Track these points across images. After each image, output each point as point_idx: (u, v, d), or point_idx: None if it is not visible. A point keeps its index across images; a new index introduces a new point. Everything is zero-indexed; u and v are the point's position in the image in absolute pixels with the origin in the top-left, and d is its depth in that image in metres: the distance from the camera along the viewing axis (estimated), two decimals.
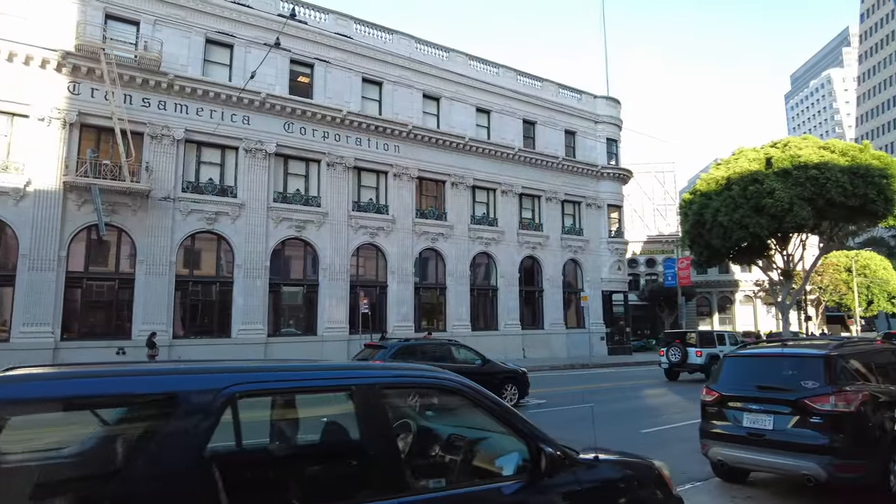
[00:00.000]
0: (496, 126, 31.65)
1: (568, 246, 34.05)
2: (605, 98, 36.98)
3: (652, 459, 3.44)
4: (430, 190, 29.46)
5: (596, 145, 36.21)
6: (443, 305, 28.89)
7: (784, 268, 38.64)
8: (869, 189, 33.21)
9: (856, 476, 5.22)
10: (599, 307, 35.06)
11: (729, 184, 35.57)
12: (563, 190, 34.03)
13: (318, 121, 25.48)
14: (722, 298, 57.84)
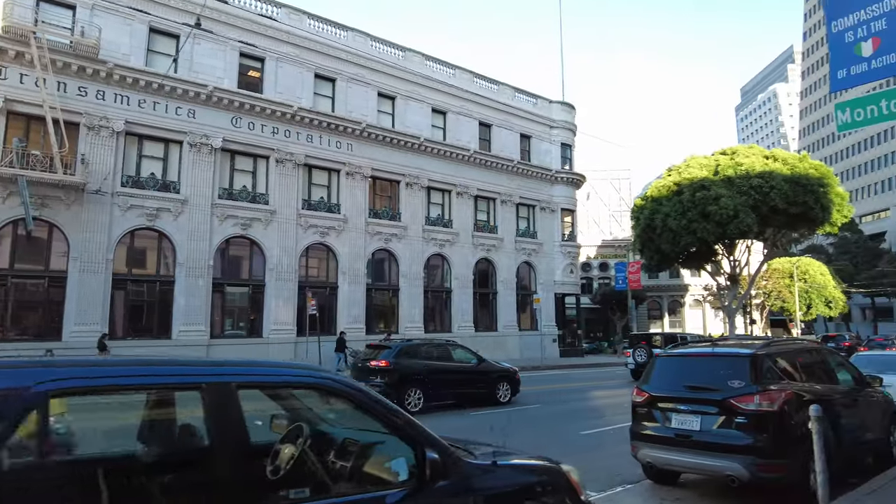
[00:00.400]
0: (452, 127, 31.52)
1: (522, 248, 34.19)
2: (560, 103, 37.35)
3: (561, 463, 3.22)
4: (384, 190, 29.07)
5: (551, 149, 36.53)
6: (396, 307, 28.52)
7: (731, 273, 39.81)
8: (808, 197, 34.52)
9: (777, 476, 5.17)
10: (552, 309, 35.32)
11: (679, 190, 36.42)
12: (518, 193, 34.16)
13: (268, 116, 24.78)
14: (672, 302, 59.27)
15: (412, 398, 12.50)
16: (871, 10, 7.31)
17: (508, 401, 14.34)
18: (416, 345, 14.15)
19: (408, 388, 12.52)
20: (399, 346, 13.45)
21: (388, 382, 12.32)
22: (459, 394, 13.72)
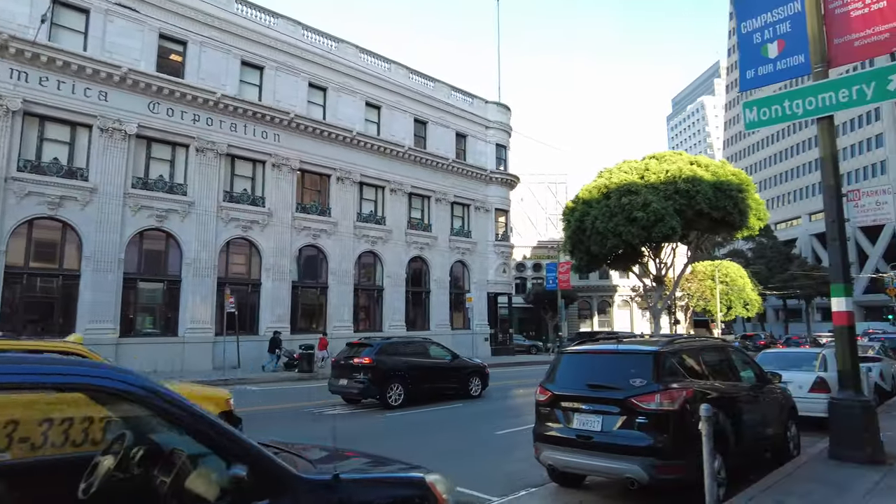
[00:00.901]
0: (386, 122, 30.95)
1: (456, 247, 34.04)
2: (496, 104, 37.48)
3: (426, 472, 2.85)
4: (314, 184, 28.15)
5: (486, 150, 36.60)
6: (324, 306, 27.67)
7: (656, 274, 41.15)
8: (728, 202, 36.10)
9: (676, 477, 5.03)
10: (485, 308, 35.39)
11: (608, 193, 37.31)
12: (453, 192, 33.99)
13: (189, 102, 23.42)
14: (602, 302, 60.91)
15: (393, 393, 13.29)
16: (777, 12, 7.39)
17: (479, 394, 15.28)
18: (395, 343, 14.86)
19: (390, 384, 13.28)
20: (380, 344, 14.11)
21: (371, 379, 13.01)
22: (436, 388, 14.42)
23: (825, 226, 6.83)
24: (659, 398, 5.11)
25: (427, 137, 33.16)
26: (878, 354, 14.87)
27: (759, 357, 11.33)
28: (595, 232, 36.55)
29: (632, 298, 59.99)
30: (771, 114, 7.26)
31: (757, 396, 6.70)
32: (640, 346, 5.82)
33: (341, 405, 13.85)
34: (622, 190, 36.27)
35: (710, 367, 6.18)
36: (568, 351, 6.19)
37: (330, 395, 14.18)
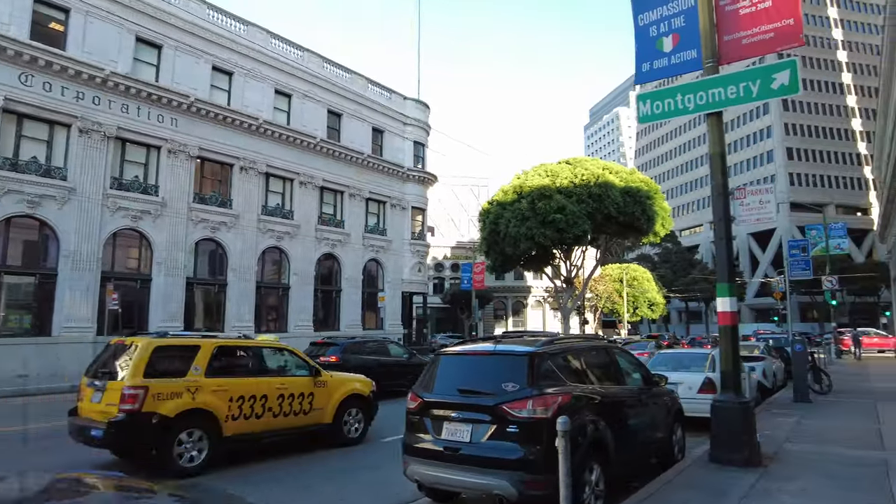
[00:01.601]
0: (298, 112, 29.57)
1: (370, 245, 33.11)
2: (414, 100, 36.90)
3: None
4: (215, 173, 26.36)
5: (404, 146, 35.94)
6: (222, 304, 25.93)
7: (567, 276, 42.12)
8: (636, 208, 37.42)
9: (547, 492, 4.58)
10: (399, 308, 34.71)
11: (522, 195, 37.74)
12: (368, 188, 33.05)
13: (72, 77, 21.13)
14: (516, 303, 61.90)
15: None
16: (672, 6, 7.20)
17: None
18: (359, 342, 15.67)
19: None
20: (345, 343, 14.93)
21: None
22: (396, 384, 14.48)
23: (713, 224, 6.70)
24: (531, 405, 4.64)
25: (342, 130, 32.04)
26: (763, 354, 15.52)
27: (654, 358, 11.38)
28: (509, 234, 36.86)
29: (545, 299, 61.34)
30: (664, 107, 7.09)
31: (642, 400, 6.46)
32: (517, 346, 5.34)
33: None
34: (536, 193, 36.78)
35: (592, 370, 5.83)
36: (444, 353, 5.62)
37: None
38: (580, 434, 4.95)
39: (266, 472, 7.09)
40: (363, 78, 33.83)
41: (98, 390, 7.08)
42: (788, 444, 7.62)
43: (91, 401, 7.14)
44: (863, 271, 58.35)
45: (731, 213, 6.56)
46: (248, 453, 7.61)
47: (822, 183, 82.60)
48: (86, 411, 7.21)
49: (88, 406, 7.18)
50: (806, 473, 6.16)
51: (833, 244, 31.19)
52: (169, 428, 6.77)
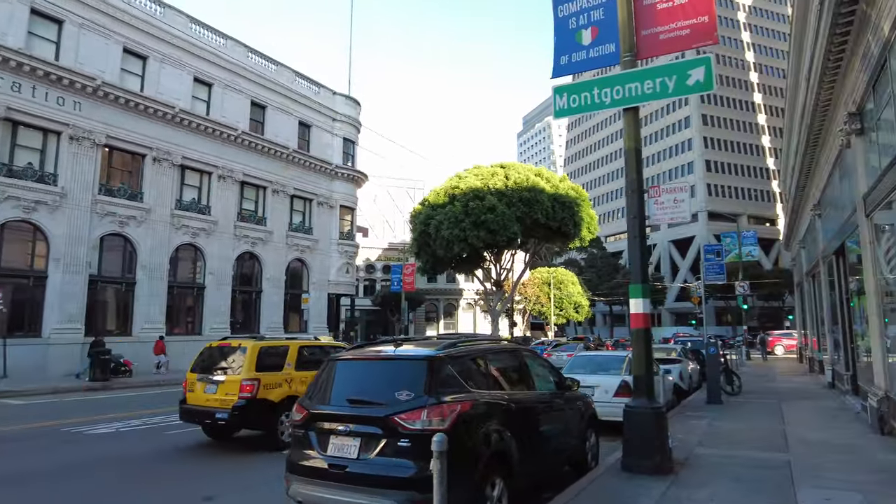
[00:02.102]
0: (218, 102, 28.03)
1: (295, 244, 31.87)
2: (344, 96, 35.95)
3: None
4: (124, 163, 24.49)
5: (333, 142, 34.92)
6: (130, 304, 24.08)
7: (496, 279, 42.32)
8: (565, 213, 38.09)
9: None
10: (324, 310, 33.62)
11: (455, 197, 37.56)
12: (294, 184, 31.82)
13: None
14: (448, 305, 61.77)
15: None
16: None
17: None
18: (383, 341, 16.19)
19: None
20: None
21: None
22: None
23: (627, 222, 6.51)
24: (426, 415, 4.16)
25: (266, 123, 30.69)
26: (680, 356, 15.84)
27: (571, 360, 11.23)
28: (440, 235, 36.59)
29: (476, 302, 61.54)
30: (581, 101, 6.84)
31: (554, 405, 6.13)
32: (415, 350, 4.85)
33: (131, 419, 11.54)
34: (470, 195, 36.71)
35: (500, 375, 5.44)
36: (336, 358, 5.05)
37: (117, 407, 11.80)
38: (483, 444, 4.53)
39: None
40: (290, 70, 32.60)
41: (212, 383, 8.82)
42: (700, 448, 7.55)
43: (205, 392, 8.84)
44: (770, 278, 62.25)
45: (646, 212, 6.36)
46: None
47: (736, 194, 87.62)
48: (201, 400, 8.85)
49: (203, 396, 8.84)
50: (715, 479, 6.04)
51: (745, 251, 32.86)
52: (275, 411, 8.64)
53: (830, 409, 11.41)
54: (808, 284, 20.94)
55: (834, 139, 10.63)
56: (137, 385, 18.96)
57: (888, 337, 8.25)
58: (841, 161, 10.73)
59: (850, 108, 8.67)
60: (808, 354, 23.79)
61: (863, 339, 10.62)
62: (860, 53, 7.90)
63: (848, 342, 12.40)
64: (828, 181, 12.74)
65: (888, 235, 7.95)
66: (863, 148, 8.65)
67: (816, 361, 19.85)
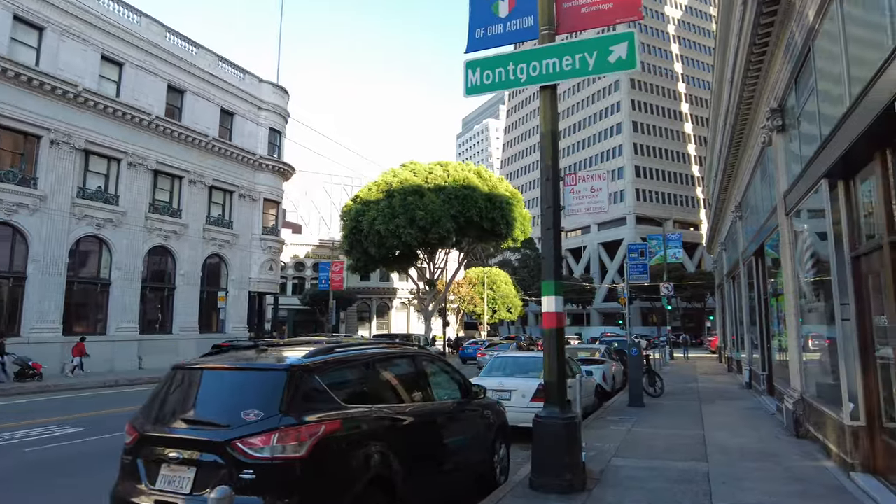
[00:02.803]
0: (130, 83, 25.85)
1: (213, 239, 29.96)
2: (272, 84, 34.24)
3: None
4: (16, 145, 22.06)
5: (258, 132, 33.17)
6: (19, 301, 21.71)
7: (430, 278, 41.70)
8: (497, 213, 37.95)
9: None
10: (244, 309, 31.84)
11: (391, 192, 36.65)
12: (213, 175, 29.90)
13: None
14: (381, 304, 60.60)
15: None
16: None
17: None
18: (257, 344, 16.05)
19: None
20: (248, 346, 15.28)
21: None
22: None
23: (540, 212, 5.88)
24: (277, 439, 3.32)
25: (184, 109, 28.66)
26: (604, 357, 15.62)
27: (490, 362, 10.65)
28: (374, 232, 35.58)
29: (410, 301, 60.70)
30: (495, 77, 6.17)
31: (456, 417, 5.42)
32: (279, 357, 3.99)
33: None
34: (407, 190, 35.90)
35: (388, 385, 4.66)
36: (179, 366, 4.11)
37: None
38: (359, 470, 3.75)
39: None
40: (212, 54, 30.66)
41: None
42: (617, 458, 7.06)
43: None
44: (693, 280, 64.82)
45: (564, 203, 5.76)
46: None
47: (663, 200, 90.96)
48: None
49: None
50: (630, 494, 5.51)
51: (670, 253, 33.72)
52: None
53: (748, 411, 11.36)
54: (729, 286, 21.45)
55: (756, 138, 10.56)
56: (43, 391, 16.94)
57: (804, 338, 8.09)
58: (762, 161, 10.67)
59: (771, 105, 8.48)
60: (727, 354, 24.45)
61: (779, 340, 10.59)
62: (783, 45, 7.67)
63: (765, 343, 12.46)
64: (749, 182, 12.78)
65: (806, 235, 7.77)
66: (783, 145, 8.49)
67: (735, 361, 20.30)
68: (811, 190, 6.69)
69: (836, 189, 6.07)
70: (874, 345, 5.61)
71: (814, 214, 7.28)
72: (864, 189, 5.80)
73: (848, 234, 5.91)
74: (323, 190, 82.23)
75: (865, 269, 5.69)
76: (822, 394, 7.32)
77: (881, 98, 4.36)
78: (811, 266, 7.58)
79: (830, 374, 7.05)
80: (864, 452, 5.68)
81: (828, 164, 5.82)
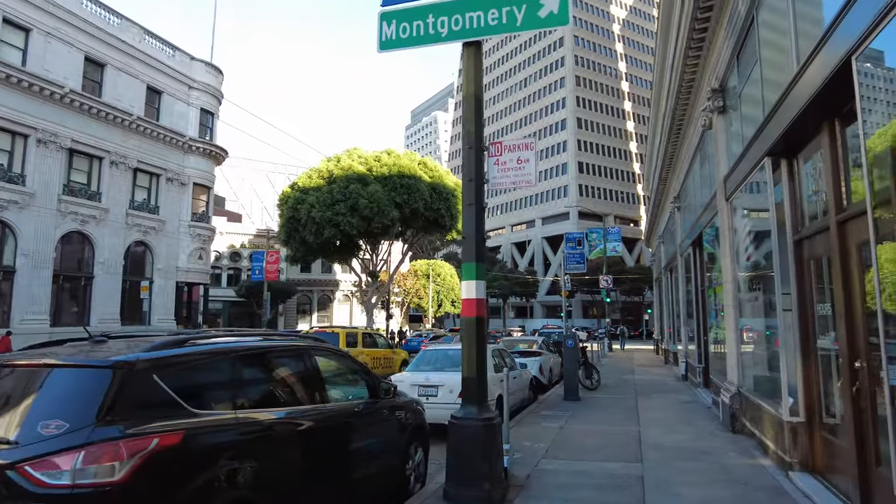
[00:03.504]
0: (39, 52, 23.60)
1: (136, 225, 27.95)
2: (204, 63, 32.26)
3: None
4: None
5: (188, 113, 31.19)
6: None
7: (372, 269, 40.66)
8: (441, 205, 37.29)
9: None
10: (171, 300, 29.98)
11: (332, 179, 35.34)
12: (137, 156, 27.85)
13: None
14: (323, 297, 58.98)
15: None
16: None
17: None
18: (185, 336, 16.91)
19: None
20: (169, 339, 15.15)
21: None
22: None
23: (462, 186, 5.18)
24: (82, 460, 2.49)
25: (105, 84, 26.50)
26: (541, 349, 15.23)
27: (419, 355, 9.96)
28: (311, 221, 34.20)
29: (353, 294, 59.38)
30: (412, 31, 5.42)
31: (356, 421, 4.65)
32: (109, 352, 3.12)
33: None
34: (349, 177, 34.68)
35: (263, 386, 3.84)
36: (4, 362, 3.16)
37: None
38: (213, 495, 2.94)
39: None
40: (138, 27, 28.50)
41: None
42: (547, 460, 6.49)
43: None
44: (632, 274, 66.35)
45: (488, 175, 5.09)
46: None
47: (604, 195, 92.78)
48: None
49: None
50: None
51: (610, 246, 34.01)
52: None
53: (684, 404, 11.13)
54: (666, 279, 21.57)
55: (696, 125, 10.26)
56: None
57: (742, 329, 7.77)
58: (702, 147, 10.39)
59: (713, 85, 8.11)
60: (664, 347, 24.72)
61: (716, 332, 10.36)
62: (725, 21, 7.26)
63: (701, 335, 12.29)
64: (688, 171, 12.57)
65: (746, 221, 7.42)
66: (724, 127, 8.14)
67: (672, 354, 20.42)
68: (754, 168, 6.28)
69: (780, 169, 5.66)
70: (815, 335, 5.22)
71: (755, 198, 6.92)
72: (807, 169, 5.41)
73: (791, 217, 5.51)
74: (266, 179, 79.55)
75: (808, 254, 5.30)
76: (760, 387, 6.99)
77: (831, 61, 3.89)
78: (751, 253, 7.24)
79: (769, 367, 6.72)
80: (803, 450, 5.30)
81: (772, 140, 5.39)
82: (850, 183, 4.27)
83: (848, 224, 4.22)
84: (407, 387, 8.51)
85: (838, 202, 4.32)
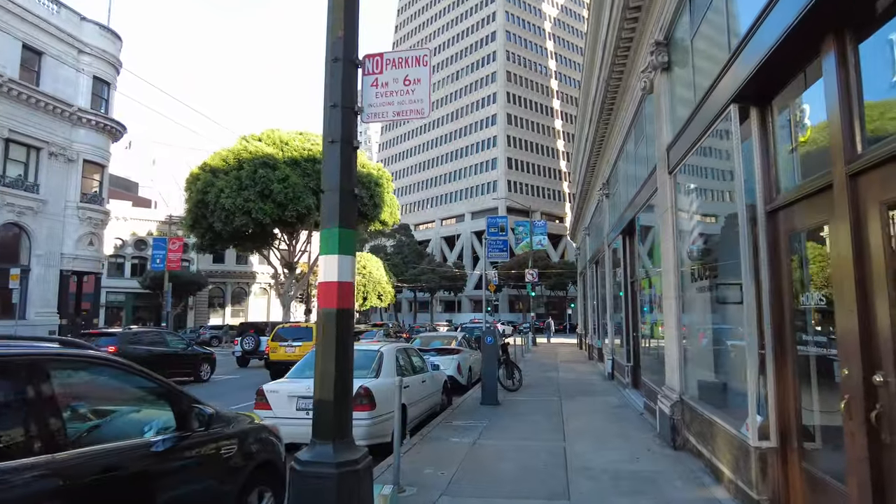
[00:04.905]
0: None
1: (9, 204, 24.35)
2: (99, 25, 28.72)
3: None
4: None
5: (78, 80, 27.63)
6: None
7: (287, 260, 38.20)
8: (363, 192, 35.37)
9: None
10: (54, 291, 26.49)
11: (243, 163, 32.59)
12: (10, 125, 24.25)
13: None
14: (238, 289, 55.50)
15: None
16: None
17: (208, 378, 17.38)
18: (138, 332, 16.71)
19: None
20: (125, 334, 15.65)
21: None
22: (173, 373, 14.46)
23: (323, 115, 3.57)
24: None
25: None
26: (460, 345, 13.86)
27: (304, 359, 8.29)
28: (220, 206, 31.36)
29: (271, 286, 56.23)
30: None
31: (140, 470, 2.96)
32: None
33: None
34: (259, 161, 32.03)
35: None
36: None
37: None
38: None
39: None
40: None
41: (290, 346, 17.24)
42: (445, 498, 5.00)
43: (286, 351, 17.03)
44: (557, 269, 66.84)
45: (361, 103, 3.48)
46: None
47: (532, 192, 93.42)
48: (282, 356, 16.68)
49: (284, 354, 16.84)
50: None
51: (536, 240, 33.35)
52: None
53: (613, 410, 10.01)
54: (592, 272, 20.81)
55: (632, 93, 9.12)
56: None
57: (686, 325, 6.61)
58: (637, 121, 9.25)
59: (657, 37, 6.89)
60: (588, 342, 24.09)
61: (651, 328, 9.28)
62: None
63: (630, 331, 11.27)
64: (620, 151, 11.51)
65: (694, 196, 6.25)
66: (668, 88, 6.96)
67: (596, 349, 19.66)
68: (715, 121, 4.99)
69: (749, 120, 4.42)
70: (794, 335, 4.00)
71: (710, 163, 5.72)
72: (781, 121, 4.19)
73: (762, 182, 4.28)
74: (185, 164, 74.29)
75: (786, 227, 4.07)
76: (709, 397, 5.82)
77: None
78: (701, 234, 6.08)
79: (721, 371, 5.55)
80: (775, 486, 4.09)
81: (743, 77, 4.12)
82: (864, 120, 3.02)
83: (865, 176, 2.96)
84: (283, 399, 6.84)
85: (849, 148, 3.06)
